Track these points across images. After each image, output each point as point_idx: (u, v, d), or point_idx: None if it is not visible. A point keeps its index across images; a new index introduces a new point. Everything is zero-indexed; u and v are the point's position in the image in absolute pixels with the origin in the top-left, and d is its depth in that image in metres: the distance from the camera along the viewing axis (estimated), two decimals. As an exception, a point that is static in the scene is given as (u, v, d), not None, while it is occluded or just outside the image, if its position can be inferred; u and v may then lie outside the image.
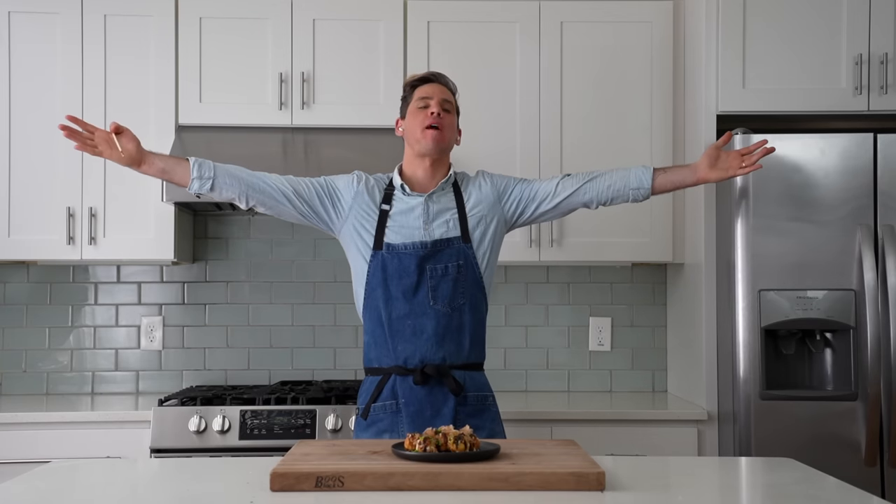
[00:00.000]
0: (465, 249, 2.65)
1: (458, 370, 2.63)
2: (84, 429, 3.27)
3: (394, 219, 2.66)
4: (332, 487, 1.90)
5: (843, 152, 3.16)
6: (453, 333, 2.63)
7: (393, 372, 2.62)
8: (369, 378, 2.69)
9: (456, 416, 2.59)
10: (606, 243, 3.61)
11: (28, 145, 3.53)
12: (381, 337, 2.64)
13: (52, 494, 2.01)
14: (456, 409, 2.60)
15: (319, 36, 3.59)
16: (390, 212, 2.67)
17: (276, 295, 3.90)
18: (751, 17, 3.35)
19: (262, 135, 3.57)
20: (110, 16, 3.55)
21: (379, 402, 2.62)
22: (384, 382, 2.62)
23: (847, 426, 3.11)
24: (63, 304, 3.87)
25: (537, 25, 3.62)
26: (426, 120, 2.65)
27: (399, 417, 2.59)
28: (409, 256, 2.61)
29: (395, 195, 2.69)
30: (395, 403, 2.61)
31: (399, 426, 2.58)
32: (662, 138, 3.62)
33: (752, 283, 3.15)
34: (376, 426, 2.61)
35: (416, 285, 2.61)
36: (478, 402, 2.67)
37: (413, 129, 2.68)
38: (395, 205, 2.68)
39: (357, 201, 2.69)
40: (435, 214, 2.66)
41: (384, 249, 2.63)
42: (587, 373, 3.95)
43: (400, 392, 2.60)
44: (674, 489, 2.10)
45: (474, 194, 2.72)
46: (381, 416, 2.61)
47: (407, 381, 2.60)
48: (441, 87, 2.71)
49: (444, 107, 2.67)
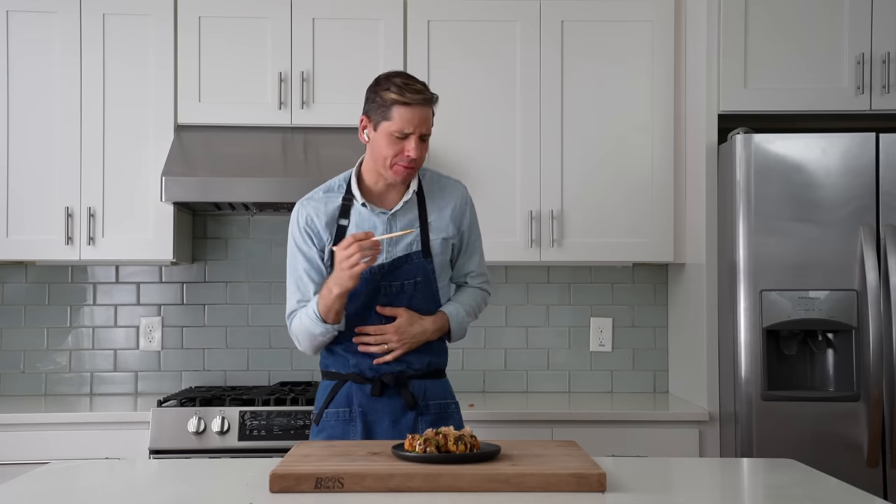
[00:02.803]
0: (425, 265, 2.53)
1: (417, 379, 2.54)
2: (82, 430, 3.26)
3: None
4: (332, 489, 1.89)
5: (845, 152, 3.15)
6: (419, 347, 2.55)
7: (349, 379, 2.53)
8: (325, 382, 2.59)
9: (416, 426, 2.51)
10: (607, 243, 3.60)
11: (26, 145, 3.52)
12: (336, 349, 2.55)
13: (51, 496, 2.00)
14: (416, 418, 2.52)
15: (319, 35, 3.58)
16: (348, 226, 2.51)
17: (275, 295, 3.88)
18: (752, 16, 3.34)
19: (262, 134, 3.56)
20: (109, 15, 3.54)
21: (332, 409, 2.52)
22: (338, 388, 2.54)
23: (849, 427, 3.10)
24: (61, 304, 3.86)
25: (538, 24, 3.61)
26: (401, 159, 2.43)
27: (352, 426, 2.50)
28: (365, 278, 2.44)
29: (355, 207, 2.52)
30: (349, 411, 2.51)
31: (351, 434, 2.49)
32: (663, 138, 3.61)
33: (754, 284, 3.14)
34: (326, 432, 2.51)
35: (370, 303, 2.50)
36: (440, 409, 2.57)
37: (382, 158, 2.45)
38: (353, 218, 2.52)
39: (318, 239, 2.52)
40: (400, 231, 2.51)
41: None
42: (588, 373, 3.94)
43: (356, 400, 2.51)
44: (675, 490, 2.09)
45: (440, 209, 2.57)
46: (333, 422, 2.52)
47: (363, 390, 2.51)
48: (425, 114, 2.43)
49: (421, 137, 2.44)
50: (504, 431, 3.25)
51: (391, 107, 2.41)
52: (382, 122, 2.43)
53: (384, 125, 2.43)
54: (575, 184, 3.59)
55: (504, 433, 3.23)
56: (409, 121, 2.41)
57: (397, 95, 2.41)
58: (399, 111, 2.41)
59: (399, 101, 2.41)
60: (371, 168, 2.53)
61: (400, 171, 2.45)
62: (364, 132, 2.50)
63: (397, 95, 2.41)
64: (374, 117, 2.46)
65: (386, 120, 2.42)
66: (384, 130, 2.43)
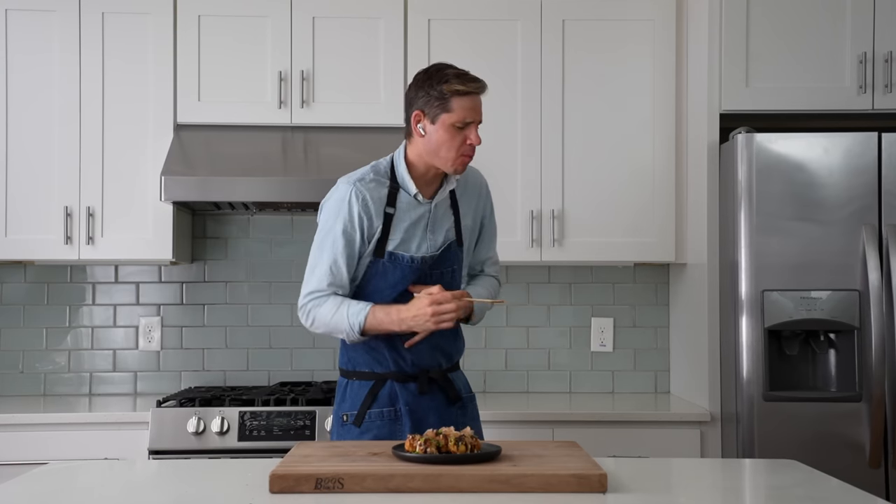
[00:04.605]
0: (458, 253, 2.59)
1: (452, 373, 2.59)
2: (82, 430, 3.26)
3: (398, 225, 2.50)
4: (332, 489, 1.88)
5: (847, 151, 3.14)
6: (448, 339, 2.57)
7: (389, 377, 2.52)
8: (357, 383, 2.54)
9: (458, 419, 2.55)
10: (609, 243, 3.59)
11: (25, 144, 3.51)
12: (374, 344, 2.52)
13: (50, 496, 2.00)
14: (455, 412, 2.56)
15: (319, 34, 3.57)
16: (394, 215, 2.50)
17: (275, 295, 3.87)
18: (754, 15, 3.33)
19: (262, 133, 3.55)
20: (108, 13, 3.53)
21: (375, 408, 2.50)
22: (378, 388, 2.51)
23: (851, 427, 3.09)
24: (61, 304, 3.85)
25: (539, 23, 3.60)
26: (464, 149, 2.44)
27: (398, 425, 2.49)
28: (412, 268, 2.49)
29: (401, 195, 2.51)
30: (394, 410, 2.50)
31: (398, 434, 2.47)
32: (664, 137, 3.60)
33: (756, 284, 3.13)
34: (372, 433, 2.48)
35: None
36: (468, 401, 2.64)
37: (446, 151, 2.44)
38: (399, 207, 2.51)
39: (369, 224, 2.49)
40: (439, 221, 2.55)
41: (386, 258, 2.49)
42: (589, 374, 3.93)
43: (401, 399, 2.50)
44: (676, 491, 2.09)
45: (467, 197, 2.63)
46: (379, 422, 2.49)
47: (407, 388, 2.51)
48: (480, 103, 2.47)
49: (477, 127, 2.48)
50: (505, 432, 3.25)
51: (450, 98, 2.41)
52: (442, 114, 2.42)
53: (444, 117, 2.42)
54: (576, 183, 3.59)
55: (505, 433, 3.22)
56: (471, 110, 2.43)
57: (459, 86, 2.42)
58: (459, 102, 2.42)
59: (460, 92, 2.41)
60: (422, 160, 2.49)
61: (463, 162, 2.46)
62: (419, 126, 2.47)
63: (459, 86, 2.42)
64: (430, 111, 2.44)
65: (446, 112, 2.42)
66: (444, 122, 2.42)
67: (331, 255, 2.49)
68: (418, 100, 2.47)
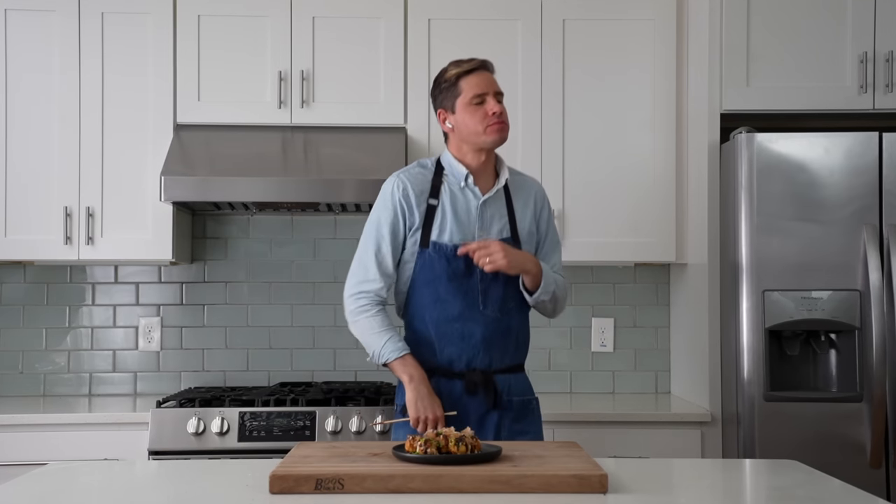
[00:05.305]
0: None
1: (502, 374, 2.60)
2: (81, 430, 3.25)
3: (443, 215, 2.57)
4: (332, 490, 1.88)
5: (848, 151, 3.14)
6: (500, 338, 2.60)
7: (436, 373, 2.56)
8: None
9: (500, 422, 2.56)
10: (609, 243, 3.59)
11: (25, 144, 3.50)
12: (424, 337, 2.58)
13: (49, 497, 2.00)
14: (501, 414, 2.56)
15: (319, 34, 3.57)
16: (438, 207, 2.58)
17: (275, 295, 3.87)
18: (754, 15, 3.33)
19: (262, 134, 3.55)
20: (108, 13, 3.53)
21: None
22: None
23: (852, 428, 3.08)
24: (60, 304, 3.84)
25: (539, 23, 3.59)
26: (488, 119, 2.54)
27: None
28: (460, 258, 2.53)
29: (445, 188, 2.60)
30: None
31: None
32: (665, 136, 3.60)
33: (756, 284, 3.12)
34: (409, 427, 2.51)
35: (466, 289, 2.55)
36: (522, 406, 2.62)
37: (473, 127, 2.56)
38: (444, 199, 2.59)
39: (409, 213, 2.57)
40: (490, 217, 2.60)
41: (431, 248, 2.55)
42: (589, 374, 3.92)
43: (444, 396, 2.53)
44: (677, 491, 2.09)
45: (523, 204, 2.67)
46: None
47: (451, 385, 2.55)
48: (489, 77, 2.61)
49: (497, 98, 2.58)
50: (505, 432, 3.24)
51: (456, 83, 2.58)
52: (456, 100, 2.58)
53: (459, 101, 2.57)
54: (576, 183, 3.58)
55: (505, 434, 3.22)
56: (478, 84, 2.57)
57: (457, 69, 2.59)
58: (465, 81, 2.57)
59: (461, 73, 2.58)
60: (462, 151, 2.62)
61: (495, 129, 2.55)
62: (445, 122, 2.62)
63: (457, 69, 2.59)
64: (447, 103, 2.60)
65: (458, 96, 2.57)
66: (461, 105, 2.57)
67: (375, 242, 2.60)
68: (436, 101, 2.64)
